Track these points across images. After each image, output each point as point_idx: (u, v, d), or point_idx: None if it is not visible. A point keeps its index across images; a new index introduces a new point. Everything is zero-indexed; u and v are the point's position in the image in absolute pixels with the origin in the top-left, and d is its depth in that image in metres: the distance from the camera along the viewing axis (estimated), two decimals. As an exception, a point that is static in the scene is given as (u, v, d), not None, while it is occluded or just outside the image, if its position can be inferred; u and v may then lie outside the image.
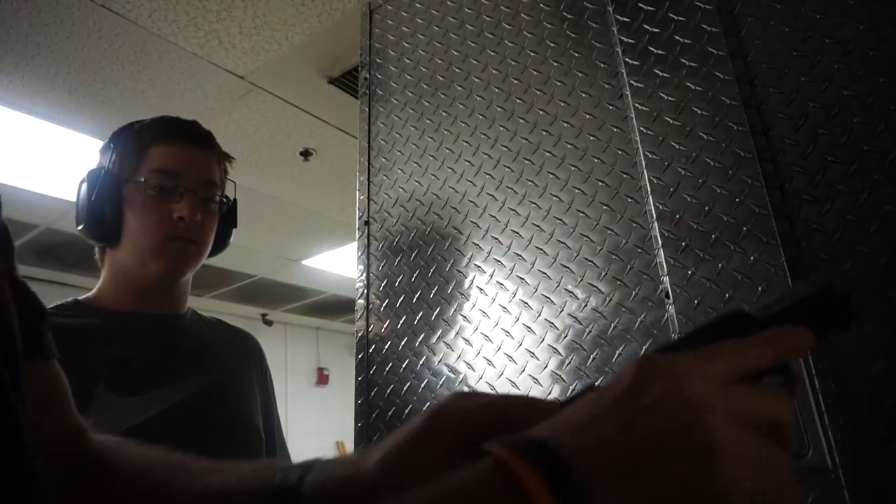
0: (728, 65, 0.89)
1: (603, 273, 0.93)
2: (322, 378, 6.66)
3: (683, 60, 0.93)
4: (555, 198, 1.02)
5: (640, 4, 1.00)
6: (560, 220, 1.00)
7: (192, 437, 1.00)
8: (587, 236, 0.96)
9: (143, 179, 1.06)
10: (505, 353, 1.00)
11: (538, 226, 1.02)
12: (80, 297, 1.10)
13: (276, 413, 1.25)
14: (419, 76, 1.29)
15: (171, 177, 1.06)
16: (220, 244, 1.20)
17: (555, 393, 0.92)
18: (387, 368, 1.13)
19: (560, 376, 0.93)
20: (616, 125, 0.98)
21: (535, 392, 0.94)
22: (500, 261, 1.05)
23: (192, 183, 1.08)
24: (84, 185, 1.08)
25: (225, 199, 1.17)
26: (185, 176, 1.07)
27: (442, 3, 1.30)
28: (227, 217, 1.19)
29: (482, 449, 0.31)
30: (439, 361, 1.08)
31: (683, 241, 0.86)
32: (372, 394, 1.13)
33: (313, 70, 2.61)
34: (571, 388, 0.91)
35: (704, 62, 0.91)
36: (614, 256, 0.93)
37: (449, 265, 1.12)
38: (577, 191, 0.99)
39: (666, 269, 0.86)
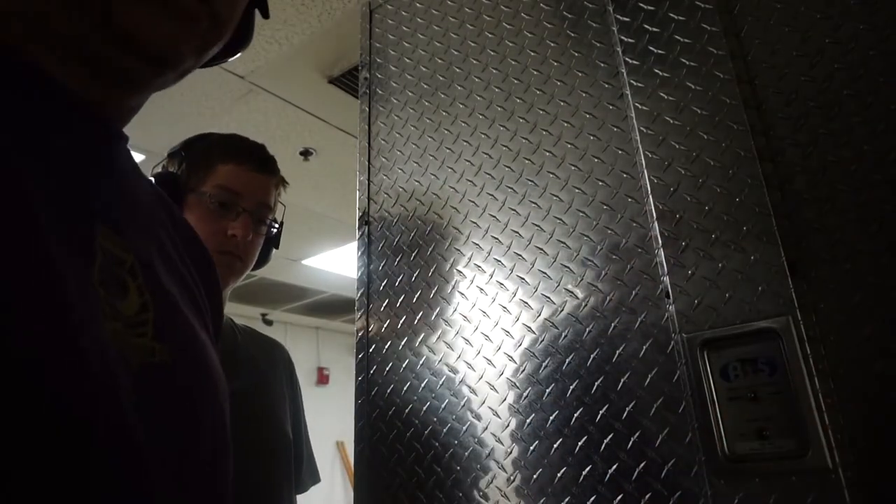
0: (728, 65, 0.89)
1: (603, 273, 0.93)
2: (322, 378, 6.66)
3: (683, 60, 0.93)
4: (555, 197, 1.02)
5: (640, 4, 1.00)
6: (560, 219, 1.00)
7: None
8: (587, 236, 0.96)
9: (206, 192, 1.12)
10: (505, 353, 1.00)
11: (538, 225, 1.02)
12: None
13: (305, 423, 1.32)
14: (419, 76, 1.29)
15: (233, 195, 1.14)
16: (261, 262, 1.28)
17: (553, 394, 0.92)
18: (387, 368, 1.13)
19: (559, 377, 0.93)
20: (616, 125, 0.98)
21: (534, 393, 0.95)
22: (500, 260, 1.05)
23: (250, 204, 1.15)
24: None
25: (275, 223, 1.25)
26: (246, 197, 1.15)
27: (442, 3, 1.30)
28: (273, 238, 1.27)
29: None
30: (439, 361, 1.08)
31: (683, 241, 0.86)
32: (372, 394, 1.13)
33: (313, 70, 2.61)
34: (571, 387, 0.91)
35: (704, 62, 0.91)
36: (614, 256, 0.93)
37: (449, 265, 1.12)
38: (577, 190, 0.99)
39: (666, 269, 0.86)
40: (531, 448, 0.92)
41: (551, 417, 0.92)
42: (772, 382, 0.75)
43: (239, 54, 0.61)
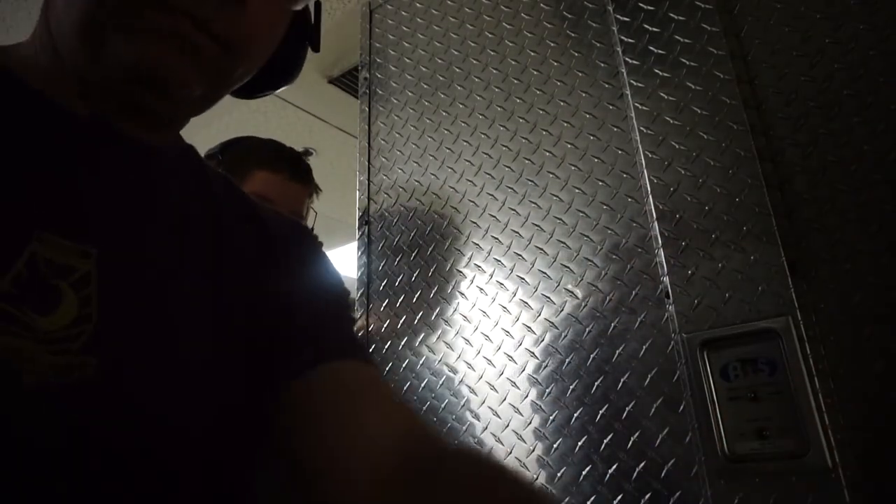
0: (728, 65, 0.89)
1: (603, 273, 0.93)
2: (322, 378, 6.65)
3: (683, 60, 0.93)
4: (555, 197, 1.02)
5: (640, 4, 1.00)
6: (560, 219, 1.00)
7: None
8: (587, 236, 0.96)
9: None
10: (505, 353, 1.00)
11: (538, 225, 1.02)
12: None
13: None
14: (419, 76, 1.29)
15: (267, 202, 1.15)
16: None
17: (553, 394, 0.92)
18: (387, 368, 1.13)
19: (559, 377, 0.93)
20: (616, 125, 0.98)
21: (534, 393, 0.94)
22: (500, 260, 1.05)
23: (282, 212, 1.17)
24: None
25: None
26: (279, 204, 1.15)
27: (442, 3, 1.30)
28: None
29: None
30: (439, 361, 1.08)
31: (683, 241, 0.86)
32: (372, 394, 1.13)
33: (313, 70, 2.60)
34: (571, 387, 0.91)
35: (704, 62, 0.91)
36: (614, 256, 0.93)
37: (449, 265, 1.12)
38: (577, 190, 0.99)
39: (666, 269, 0.86)
40: (531, 448, 0.92)
41: (551, 417, 0.92)
42: (772, 382, 0.75)
43: (284, 87, 0.60)
